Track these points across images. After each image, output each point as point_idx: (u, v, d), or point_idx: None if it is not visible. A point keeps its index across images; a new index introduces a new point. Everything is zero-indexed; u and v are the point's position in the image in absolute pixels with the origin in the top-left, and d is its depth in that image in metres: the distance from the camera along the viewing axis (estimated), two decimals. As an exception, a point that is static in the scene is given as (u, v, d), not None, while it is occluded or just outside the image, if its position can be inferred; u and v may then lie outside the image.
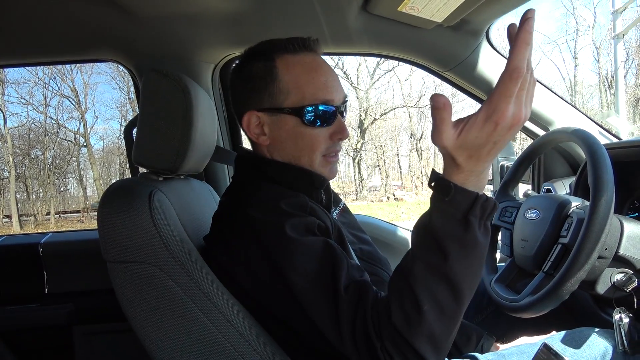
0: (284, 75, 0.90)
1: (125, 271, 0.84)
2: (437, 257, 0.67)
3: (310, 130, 0.90)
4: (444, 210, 0.68)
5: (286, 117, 0.90)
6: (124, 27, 1.40)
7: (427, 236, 0.69)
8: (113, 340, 1.67)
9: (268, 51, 0.92)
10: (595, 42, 18.82)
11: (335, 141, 0.94)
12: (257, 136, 0.94)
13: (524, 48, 0.60)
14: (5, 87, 17.91)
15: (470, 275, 0.68)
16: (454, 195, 0.67)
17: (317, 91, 0.90)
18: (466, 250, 0.67)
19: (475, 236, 0.67)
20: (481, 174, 0.68)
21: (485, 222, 0.69)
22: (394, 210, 15.53)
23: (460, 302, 0.68)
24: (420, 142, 22.21)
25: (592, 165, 0.96)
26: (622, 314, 1.00)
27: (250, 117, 0.92)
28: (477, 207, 0.67)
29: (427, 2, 1.24)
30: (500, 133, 0.63)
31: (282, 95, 0.90)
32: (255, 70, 0.92)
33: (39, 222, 17.95)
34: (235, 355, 0.84)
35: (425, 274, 0.67)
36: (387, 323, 0.68)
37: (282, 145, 0.93)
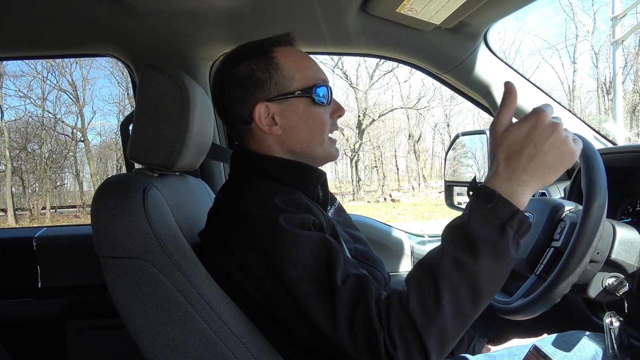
0: (285, 63, 0.94)
1: (117, 267, 0.84)
2: (468, 255, 0.69)
3: (320, 108, 0.96)
4: (484, 215, 0.70)
5: (296, 101, 0.94)
6: (123, 23, 1.40)
7: (462, 235, 0.71)
8: (106, 335, 1.67)
9: (263, 45, 0.96)
10: (595, 48, 18.92)
11: (335, 119, 1.00)
12: (270, 127, 0.94)
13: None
14: (3, 79, 17.88)
15: (493, 282, 0.70)
16: (497, 203, 0.70)
17: (315, 73, 0.96)
18: (497, 256, 0.69)
19: (507, 245, 0.69)
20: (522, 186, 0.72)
21: (519, 237, 0.72)
22: (391, 211, 15.56)
23: (477, 305, 0.69)
24: (418, 143, 22.26)
25: (586, 169, 0.96)
26: (613, 317, 1.00)
27: (260, 109, 0.94)
28: (515, 219, 0.70)
29: (426, 4, 1.25)
30: (540, 134, 0.71)
31: (288, 81, 0.94)
32: (255, 65, 0.93)
33: (35, 216, 17.91)
34: (226, 353, 0.84)
35: (452, 269, 0.69)
36: (401, 311, 0.68)
37: (295, 130, 0.95)
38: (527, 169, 0.71)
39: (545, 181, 0.72)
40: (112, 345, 1.67)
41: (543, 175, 0.72)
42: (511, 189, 0.72)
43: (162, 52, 1.52)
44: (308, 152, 0.96)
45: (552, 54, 25.63)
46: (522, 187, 0.72)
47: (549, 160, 0.71)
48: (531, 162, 0.71)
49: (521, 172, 0.72)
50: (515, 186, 0.72)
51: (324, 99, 0.95)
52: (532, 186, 0.72)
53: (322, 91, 0.95)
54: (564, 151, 0.72)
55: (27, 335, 1.68)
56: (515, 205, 0.71)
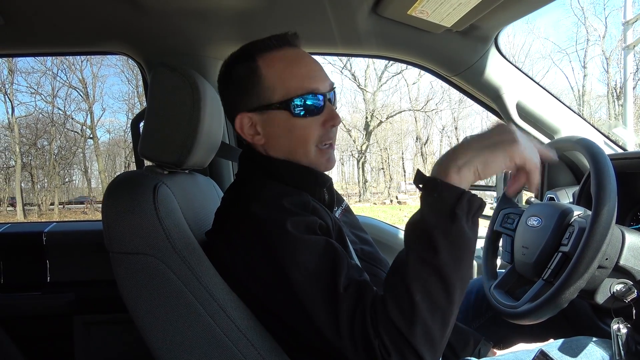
0: (267, 73, 0.91)
1: (127, 262, 0.85)
2: (427, 248, 0.70)
3: (301, 121, 0.92)
4: (432, 205, 0.72)
5: (276, 113, 0.92)
6: (135, 21, 1.41)
7: (418, 230, 0.73)
8: (113, 330, 1.68)
9: (249, 52, 0.94)
10: (606, 53, 18.75)
11: (327, 129, 0.94)
12: (252, 137, 0.95)
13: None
14: (15, 76, 18.04)
15: (460, 268, 0.71)
16: (442, 191, 0.71)
17: (301, 82, 0.91)
18: (454, 242, 0.70)
19: (461, 228, 0.71)
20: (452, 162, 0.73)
21: (473, 217, 0.73)
22: (397, 213, 15.52)
23: (450, 294, 0.70)
24: (426, 146, 22.18)
25: (596, 174, 0.96)
26: (621, 324, 1.00)
27: (242, 119, 0.94)
28: (463, 202, 0.71)
29: (437, 6, 1.24)
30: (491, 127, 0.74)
31: (269, 92, 0.91)
32: (239, 72, 0.94)
33: (43, 211, 18.04)
34: (233, 350, 0.85)
35: (416, 266, 0.70)
36: (384, 317, 0.69)
37: (276, 141, 0.94)
38: (462, 146, 0.74)
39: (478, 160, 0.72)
40: (119, 340, 1.68)
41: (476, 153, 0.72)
42: (444, 168, 0.73)
43: (173, 51, 1.53)
44: (295, 161, 0.95)
45: (562, 58, 25.45)
46: (453, 163, 0.72)
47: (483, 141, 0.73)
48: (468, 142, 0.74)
49: (454, 150, 0.74)
50: (448, 163, 0.73)
51: (304, 110, 0.91)
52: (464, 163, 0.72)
53: (302, 104, 0.91)
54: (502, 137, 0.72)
55: (35, 329, 1.70)
56: (459, 185, 0.71)
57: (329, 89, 0.95)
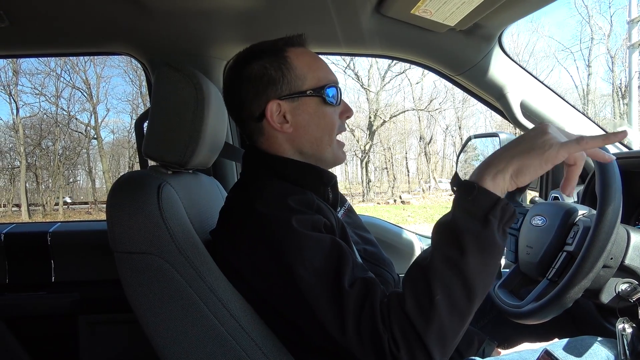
0: (297, 63, 0.96)
1: (131, 262, 0.86)
2: (454, 250, 0.70)
3: (330, 108, 0.97)
4: (466, 208, 0.71)
5: (307, 100, 0.95)
6: (139, 21, 1.41)
7: (447, 231, 0.72)
8: (117, 330, 1.69)
9: (275, 46, 0.97)
10: (610, 52, 18.67)
11: (343, 120, 1.02)
12: (281, 125, 0.95)
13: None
14: (19, 77, 18.13)
15: (484, 274, 0.70)
16: (477, 194, 0.71)
17: (326, 74, 0.98)
18: (483, 247, 0.69)
19: (493, 235, 0.70)
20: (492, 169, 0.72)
21: (504, 225, 0.72)
22: (401, 213, 15.49)
23: (471, 299, 0.70)
24: (429, 145, 22.16)
25: (600, 173, 0.96)
26: (626, 324, 0.99)
27: (272, 106, 0.95)
28: (497, 208, 0.70)
29: (440, 5, 1.24)
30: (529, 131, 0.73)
31: (300, 81, 0.95)
32: (268, 64, 0.95)
33: (47, 212, 18.13)
34: (237, 349, 0.85)
35: (441, 266, 0.70)
36: (399, 312, 0.69)
37: (305, 129, 0.96)
38: (499, 154, 0.74)
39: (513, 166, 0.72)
40: (123, 340, 1.69)
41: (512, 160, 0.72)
42: (481, 173, 0.73)
43: (177, 51, 1.54)
44: (317, 152, 0.97)
45: (566, 57, 25.34)
46: (488, 170, 0.73)
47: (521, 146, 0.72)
48: (505, 149, 0.74)
49: (492, 157, 0.74)
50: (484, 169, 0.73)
51: (333, 99, 0.97)
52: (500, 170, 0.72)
53: (332, 92, 0.96)
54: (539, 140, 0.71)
55: (40, 329, 1.71)
56: (493, 191, 0.71)
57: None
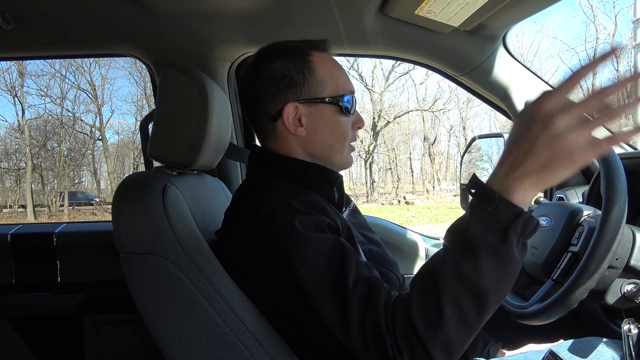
0: (320, 69, 0.95)
1: (137, 262, 0.86)
2: (468, 264, 0.65)
3: (345, 118, 0.97)
4: (484, 220, 0.66)
5: (324, 107, 0.95)
6: (144, 23, 1.42)
7: (462, 241, 0.68)
8: (123, 330, 1.69)
9: (299, 48, 0.97)
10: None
11: (355, 130, 1.01)
12: (295, 128, 0.95)
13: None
14: (25, 79, 18.24)
15: (499, 290, 0.67)
16: (498, 205, 0.65)
17: (346, 83, 0.98)
18: (500, 263, 0.65)
19: (511, 251, 0.65)
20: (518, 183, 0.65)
21: (525, 239, 0.67)
22: (405, 213, 15.47)
23: (482, 314, 0.67)
24: (433, 146, 22.11)
25: (605, 174, 0.95)
26: (631, 325, 0.99)
27: (289, 108, 0.94)
28: (519, 222, 0.65)
29: (444, 6, 1.24)
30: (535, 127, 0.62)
31: (320, 87, 0.94)
32: (292, 65, 0.94)
33: (53, 212, 18.21)
34: (242, 350, 0.85)
35: (453, 279, 0.66)
36: (404, 319, 0.68)
37: (319, 135, 0.96)
38: (523, 164, 0.64)
39: (542, 180, 0.64)
40: (129, 340, 1.69)
41: (538, 173, 0.63)
42: (507, 185, 0.65)
43: (181, 53, 1.54)
44: (327, 158, 0.97)
45: (571, 57, 25.20)
46: (517, 184, 0.65)
47: (543, 157, 0.62)
48: (526, 157, 0.63)
49: (516, 168, 0.65)
50: (511, 182, 0.65)
51: (349, 109, 0.97)
52: (529, 183, 0.64)
53: (348, 102, 0.97)
54: (558, 149, 0.61)
55: (46, 329, 1.72)
56: (516, 204, 0.65)
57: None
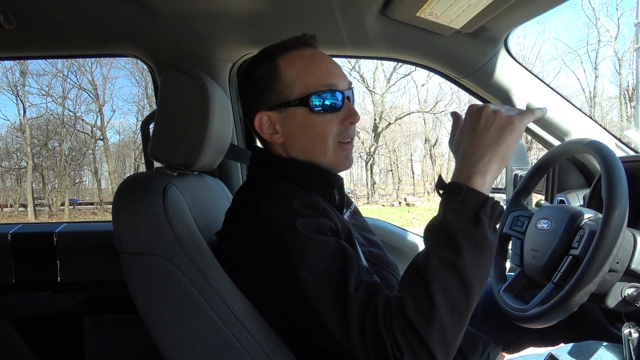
0: (286, 71, 0.93)
1: (137, 263, 0.86)
2: (450, 251, 0.71)
3: (320, 117, 0.93)
4: (457, 209, 0.73)
5: (294, 110, 0.93)
6: (145, 24, 1.42)
7: (441, 233, 0.74)
8: (122, 330, 1.69)
9: (269, 53, 0.96)
10: (618, 54, 18.57)
11: (347, 126, 0.95)
12: (271, 135, 0.95)
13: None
14: (26, 78, 18.27)
15: (480, 271, 0.72)
16: (466, 195, 0.73)
17: (319, 78, 0.93)
18: (477, 245, 0.71)
19: (485, 233, 0.72)
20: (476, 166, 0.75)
21: (494, 223, 0.74)
22: (405, 215, 15.46)
23: (469, 297, 0.71)
24: (435, 148, 22.11)
25: (607, 177, 0.95)
26: (632, 328, 0.98)
27: (261, 117, 0.95)
28: (487, 206, 0.73)
29: (446, 8, 1.24)
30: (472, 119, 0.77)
31: (288, 90, 0.93)
32: (260, 73, 0.95)
33: (53, 212, 18.23)
34: (241, 351, 0.85)
35: (438, 268, 0.71)
36: (400, 317, 0.69)
37: (295, 139, 0.95)
38: (473, 150, 0.76)
39: (495, 154, 0.75)
40: (128, 340, 1.69)
41: (489, 149, 0.75)
42: (467, 173, 0.75)
43: (183, 53, 1.55)
44: (312, 161, 0.95)
45: (573, 59, 25.21)
46: (475, 168, 0.75)
47: (488, 134, 0.75)
48: (473, 143, 0.76)
49: (470, 155, 0.76)
50: (469, 169, 0.75)
51: (323, 107, 0.92)
52: (484, 163, 0.75)
53: (321, 99, 0.92)
54: (498, 122, 0.75)
55: (46, 329, 1.72)
56: (478, 188, 0.74)
57: (347, 87, 0.96)
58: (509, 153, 0.76)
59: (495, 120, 0.76)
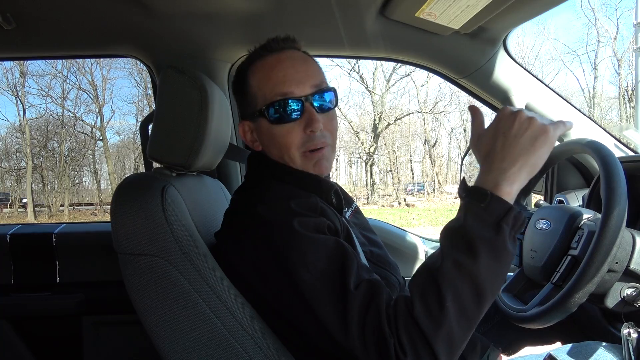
0: (252, 81, 0.94)
1: (135, 263, 0.86)
2: (466, 256, 0.69)
3: (279, 128, 0.91)
4: (479, 215, 0.72)
5: (260, 121, 0.94)
6: (144, 24, 1.42)
7: (459, 237, 0.72)
8: (121, 331, 1.69)
9: (244, 64, 0.98)
10: (617, 54, 18.58)
11: (307, 134, 0.91)
12: (252, 143, 0.99)
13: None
14: (26, 78, 18.25)
15: (495, 280, 0.71)
16: (490, 202, 0.71)
17: (274, 87, 0.90)
18: (495, 254, 0.70)
19: (505, 242, 0.71)
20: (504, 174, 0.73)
21: (515, 233, 0.73)
22: (405, 215, 15.45)
23: (480, 305, 0.70)
24: (434, 148, 22.10)
25: (605, 177, 0.95)
26: (631, 329, 0.98)
27: (243, 126, 0.99)
28: (510, 216, 0.71)
29: (445, 8, 1.24)
30: (505, 124, 0.75)
31: (253, 100, 0.94)
32: (237, 84, 0.99)
33: (53, 213, 18.21)
34: (239, 351, 0.85)
35: (452, 272, 0.69)
36: (407, 317, 0.69)
37: (269, 148, 0.96)
38: (504, 156, 0.74)
39: (526, 163, 0.73)
40: (127, 340, 1.69)
41: (520, 157, 0.73)
42: (494, 180, 0.73)
43: (182, 54, 1.54)
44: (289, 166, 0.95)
45: (572, 60, 25.17)
46: (504, 175, 0.73)
47: (521, 142, 0.73)
48: (504, 149, 0.74)
49: (499, 161, 0.74)
50: (497, 176, 0.73)
51: (279, 116, 0.90)
52: (514, 172, 0.73)
53: (274, 110, 0.90)
54: (533, 129, 0.74)
55: (44, 329, 1.72)
56: (504, 196, 0.72)
57: (310, 92, 0.91)
58: (539, 163, 0.74)
59: (530, 128, 0.74)
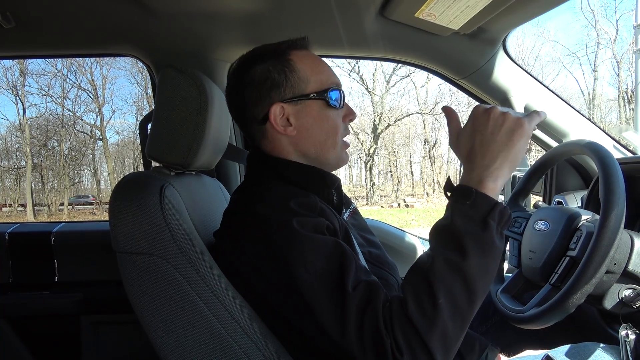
0: (301, 66, 0.95)
1: (133, 262, 0.86)
2: (456, 253, 0.71)
3: (333, 112, 0.97)
4: (465, 213, 0.73)
5: (311, 103, 0.95)
6: (144, 23, 1.42)
7: (447, 235, 0.74)
8: (119, 330, 1.69)
9: (279, 49, 0.97)
10: (617, 56, 18.60)
11: (346, 123, 1.01)
12: (284, 128, 0.95)
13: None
14: (26, 78, 18.26)
15: (485, 276, 0.72)
16: (475, 199, 0.74)
17: (329, 77, 0.98)
18: (484, 250, 0.72)
19: (492, 238, 0.73)
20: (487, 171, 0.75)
21: (502, 228, 0.75)
22: (405, 216, 15.46)
23: (473, 301, 0.71)
24: (434, 149, 22.12)
25: (604, 178, 0.95)
26: (629, 330, 0.98)
27: (276, 109, 0.94)
28: (495, 211, 0.73)
29: (444, 9, 1.24)
30: (480, 122, 0.78)
31: (303, 84, 0.95)
32: (272, 67, 0.94)
33: (52, 212, 18.21)
34: (237, 351, 0.85)
35: (443, 269, 0.70)
36: (401, 317, 0.69)
37: (309, 132, 0.96)
38: (484, 153, 0.76)
39: (506, 158, 0.76)
40: (126, 340, 1.69)
41: (500, 153, 0.75)
42: (477, 177, 0.75)
43: (181, 53, 1.55)
44: (321, 155, 0.97)
45: (572, 61, 25.22)
46: (487, 172, 0.75)
47: (498, 138, 0.76)
48: (483, 146, 0.76)
49: (480, 159, 0.76)
50: (480, 173, 0.76)
51: (337, 102, 0.96)
52: (496, 167, 0.75)
53: (335, 95, 0.96)
54: (508, 124, 0.76)
55: (43, 328, 1.72)
56: (488, 193, 0.74)
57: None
58: (519, 156, 0.77)
59: (505, 123, 0.76)
